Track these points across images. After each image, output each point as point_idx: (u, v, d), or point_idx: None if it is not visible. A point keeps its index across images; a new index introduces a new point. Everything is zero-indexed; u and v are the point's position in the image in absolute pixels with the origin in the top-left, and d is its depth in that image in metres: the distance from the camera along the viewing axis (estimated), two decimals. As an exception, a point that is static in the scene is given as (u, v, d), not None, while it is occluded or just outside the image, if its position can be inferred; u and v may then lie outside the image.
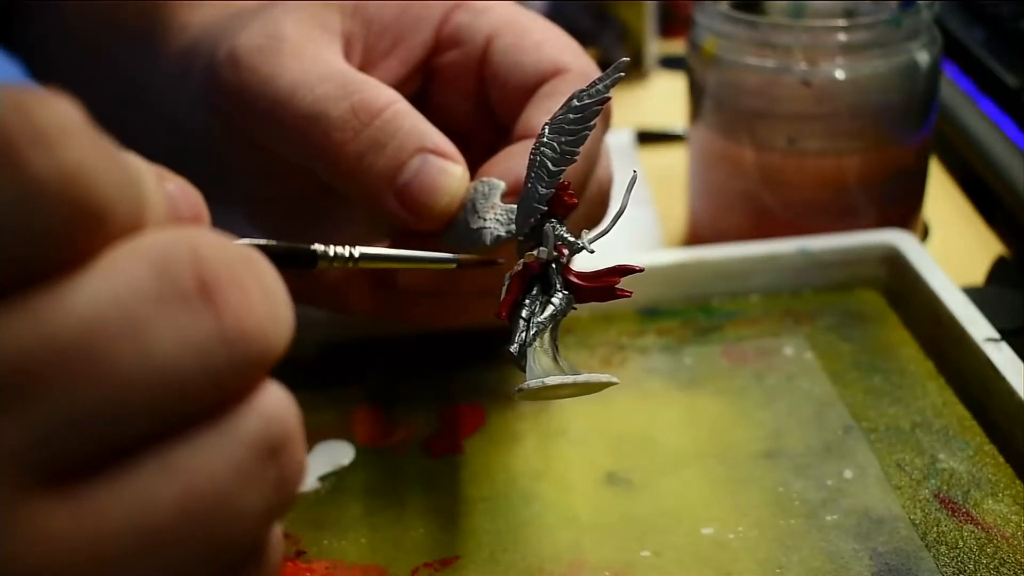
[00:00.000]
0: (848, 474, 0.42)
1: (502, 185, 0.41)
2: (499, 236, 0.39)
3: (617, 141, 0.74)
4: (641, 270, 0.37)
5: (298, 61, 0.42)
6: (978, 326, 0.46)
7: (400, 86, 0.45)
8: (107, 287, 0.21)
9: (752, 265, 0.52)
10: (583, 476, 0.42)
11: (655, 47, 0.87)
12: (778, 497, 0.41)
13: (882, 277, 0.52)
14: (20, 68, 0.65)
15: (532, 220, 0.37)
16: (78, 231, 0.20)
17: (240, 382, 0.22)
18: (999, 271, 0.59)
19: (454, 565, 0.39)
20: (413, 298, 0.44)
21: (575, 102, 0.38)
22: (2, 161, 0.19)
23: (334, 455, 0.44)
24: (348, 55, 0.44)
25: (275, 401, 0.23)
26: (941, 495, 0.41)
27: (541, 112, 0.43)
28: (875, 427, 0.44)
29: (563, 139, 0.37)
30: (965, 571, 0.37)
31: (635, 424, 0.44)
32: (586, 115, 0.37)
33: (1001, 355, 0.44)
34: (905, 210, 0.59)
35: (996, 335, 0.45)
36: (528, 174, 0.38)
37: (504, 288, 0.37)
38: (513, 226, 0.39)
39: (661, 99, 0.84)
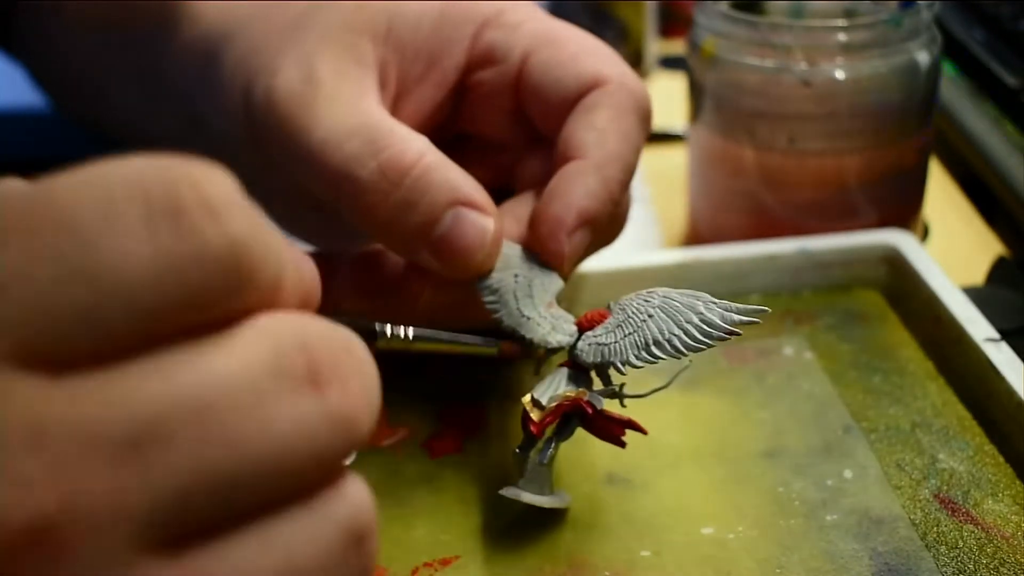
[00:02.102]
0: (848, 474, 0.42)
1: (562, 285, 0.43)
2: (549, 343, 0.41)
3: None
4: (645, 433, 0.40)
5: (329, 110, 0.42)
6: (978, 326, 0.46)
7: (436, 109, 0.46)
8: (234, 357, 0.22)
9: (752, 265, 0.52)
10: (583, 476, 0.42)
11: (655, 47, 0.87)
12: (778, 497, 0.41)
13: (882, 277, 0.52)
14: (23, 73, 0.66)
15: (601, 364, 0.40)
16: (232, 297, 0.22)
17: (336, 466, 0.23)
18: (999, 271, 0.59)
19: (454, 564, 0.39)
20: (417, 288, 0.44)
21: (704, 308, 0.39)
22: (181, 228, 0.21)
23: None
24: (384, 84, 0.44)
25: (361, 491, 0.24)
26: (941, 495, 0.41)
27: (581, 127, 0.43)
28: (875, 427, 0.44)
29: (676, 333, 0.39)
30: (965, 571, 0.37)
31: (635, 424, 0.44)
32: (710, 337, 0.38)
33: (1001, 355, 0.44)
34: (905, 210, 0.59)
35: (996, 335, 0.45)
36: (624, 326, 0.40)
37: (547, 408, 0.39)
38: (566, 338, 0.41)
39: (661, 99, 0.83)
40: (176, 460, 0.21)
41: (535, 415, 0.39)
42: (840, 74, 0.54)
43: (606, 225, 0.44)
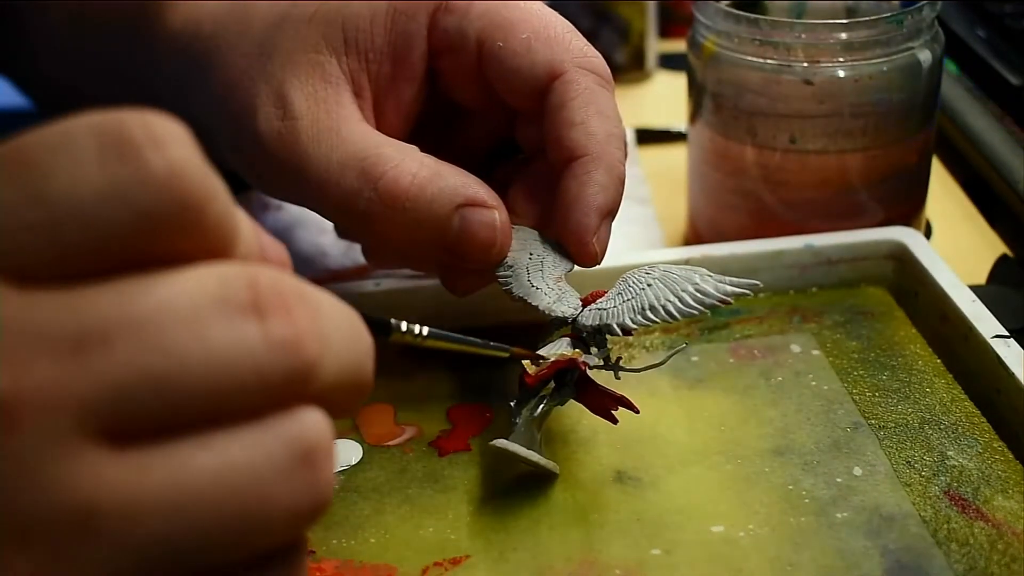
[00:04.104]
0: (857, 471, 0.42)
1: (573, 265, 0.45)
2: (553, 311, 0.43)
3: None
4: (637, 412, 0.42)
5: (316, 146, 0.44)
6: (986, 323, 0.46)
7: (416, 99, 0.47)
8: (180, 284, 0.24)
9: (758, 262, 0.52)
10: (592, 475, 0.42)
11: (655, 46, 0.87)
12: (787, 495, 0.41)
13: (889, 274, 0.52)
14: (14, 89, 0.66)
15: (599, 328, 0.42)
16: (179, 226, 0.24)
17: (283, 389, 0.25)
18: (1001, 270, 0.59)
19: (464, 564, 0.38)
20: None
21: (699, 280, 0.41)
22: (127, 155, 0.23)
23: (343, 454, 0.44)
24: (359, 93, 0.45)
25: (315, 419, 0.25)
26: (951, 492, 0.41)
27: (563, 127, 0.44)
28: (884, 424, 0.44)
29: (671, 300, 0.41)
30: (976, 568, 0.37)
31: (643, 422, 0.44)
32: (703, 304, 0.41)
33: (1010, 351, 0.44)
34: (907, 209, 0.59)
35: (1004, 331, 0.45)
36: (623, 294, 0.42)
37: (543, 364, 0.41)
38: (570, 309, 0.43)
39: (661, 98, 0.84)
40: (116, 361, 0.23)
41: (531, 370, 0.41)
42: (842, 73, 0.54)
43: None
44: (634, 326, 0.41)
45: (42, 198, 0.23)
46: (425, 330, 0.38)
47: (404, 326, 0.37)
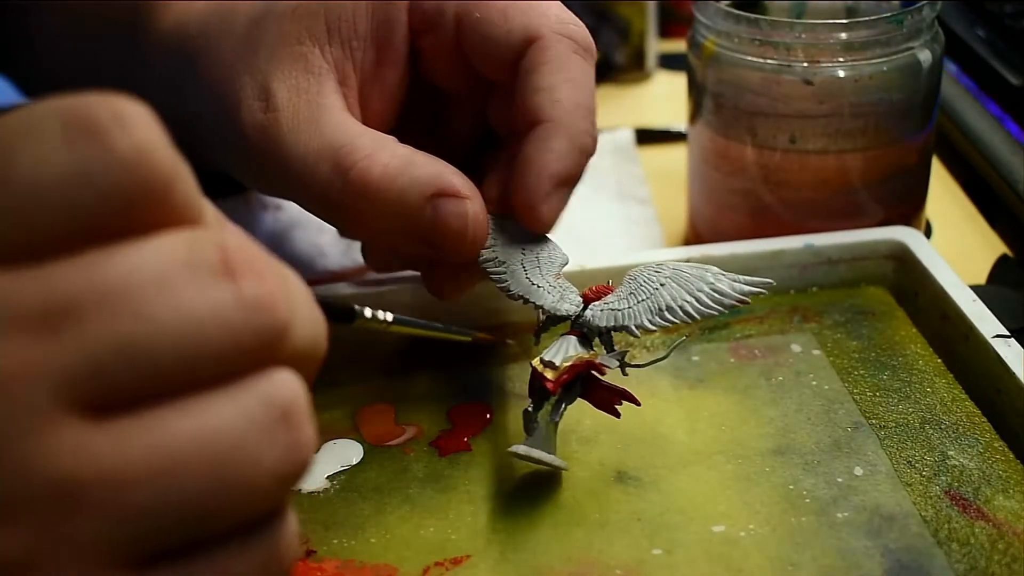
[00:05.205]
0: (858, 471, 0.42)
1: (567, 259, 0.45)
2: (557, 311, 0.43)
3: (617, 140, 0.74)
4: (639, 405, 0.42)
5: (295, 137, 0.44)
6: (987, 322, 0.46)
7: (401, 84, 0.47)
8: (148, 251, 0.24)
9: (759, 262, 0.52)
10: (592, 475, 0.42)
11: (656, 46, 0.87)
12: (788, 494, 0.41)
13: (889, 274, 0.52)
14: (12, 87, 0.66)
15: (615, 329, 0.42)
16: (141, 201, 0.24)
17: (257, 349, 0.25)
18: (1001, 270, 0.59)
19: (465, 564, 0.38)
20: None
21: (712, 279, 0.41)
22: (93, 137, 0.24)
23: (343, 454, 0.44)
24: (344, 82, 0.45)
25: (289, 379, 0.26)
26: (952, 492, 0.40)
27: (529, 91, 0.44)
28: (884, 424, 0.44)
29: (688, 300, 0.41)
30: (977, 568, 0.37)
31: (643, 422, 0.44)
32: (721, 304, 0.41)
33: (1010, 351, 0.44)
34: (907, 209, 0.59)
35: (1005, 331, 0.45)
36: (636, 293, 0.42)
37: (561, 367, 0.41)
38: (573, 308, 0.43)
39: (661, 98, 0.84)
40: (89, 331, 0.23)
41: (549, 374, 0.40)
42: (842, 73, 0.54)
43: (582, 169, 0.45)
44: (652, 328, 0.41)
45: (7, 180, 0.23)
46: (390, 316, 0.38)
47: (368, 312, 0.37)
